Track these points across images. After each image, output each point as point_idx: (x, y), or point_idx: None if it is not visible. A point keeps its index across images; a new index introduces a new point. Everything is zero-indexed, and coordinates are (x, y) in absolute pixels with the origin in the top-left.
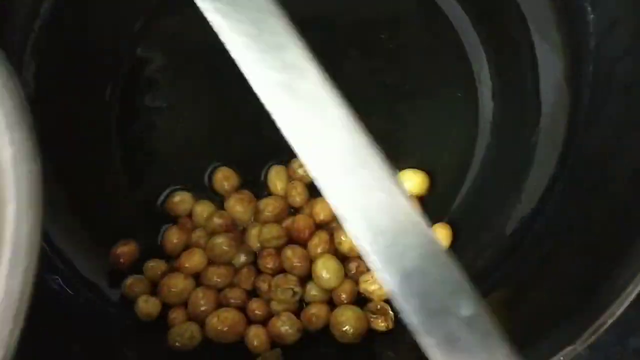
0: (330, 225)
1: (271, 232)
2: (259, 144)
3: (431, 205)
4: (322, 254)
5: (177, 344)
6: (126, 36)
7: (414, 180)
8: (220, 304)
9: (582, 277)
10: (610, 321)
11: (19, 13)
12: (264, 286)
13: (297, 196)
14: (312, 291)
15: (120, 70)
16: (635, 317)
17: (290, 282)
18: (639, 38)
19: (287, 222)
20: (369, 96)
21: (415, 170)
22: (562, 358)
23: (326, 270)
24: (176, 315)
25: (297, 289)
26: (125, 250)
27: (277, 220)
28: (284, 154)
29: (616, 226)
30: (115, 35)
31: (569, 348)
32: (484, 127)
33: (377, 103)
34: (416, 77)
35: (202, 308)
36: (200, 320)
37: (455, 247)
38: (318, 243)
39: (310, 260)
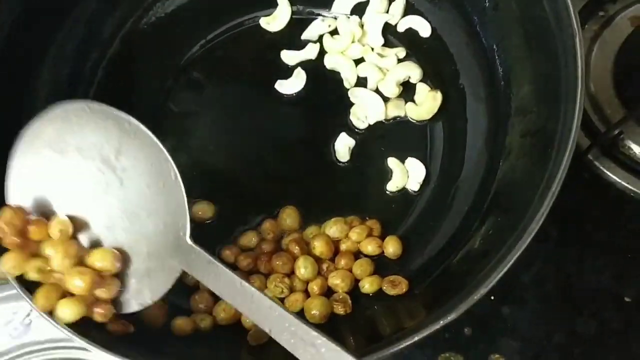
0: (307, 237)
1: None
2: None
3: (390, 224)
4: (300, 256)
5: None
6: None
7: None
8: None
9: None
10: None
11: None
12: (259, 282)
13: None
14: (295, 282)
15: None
16: None
17: (278, 281)
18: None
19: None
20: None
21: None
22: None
23: (304, 267)
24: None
25: (283, 286)
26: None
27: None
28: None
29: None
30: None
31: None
32: (429, 174)
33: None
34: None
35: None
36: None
37: (406, 253)
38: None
39: (294, 260)
